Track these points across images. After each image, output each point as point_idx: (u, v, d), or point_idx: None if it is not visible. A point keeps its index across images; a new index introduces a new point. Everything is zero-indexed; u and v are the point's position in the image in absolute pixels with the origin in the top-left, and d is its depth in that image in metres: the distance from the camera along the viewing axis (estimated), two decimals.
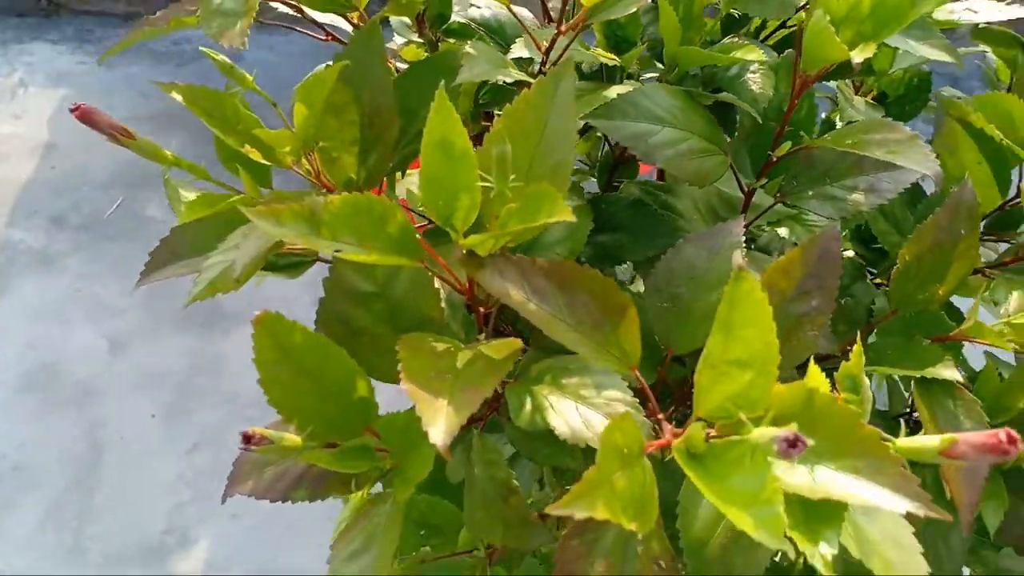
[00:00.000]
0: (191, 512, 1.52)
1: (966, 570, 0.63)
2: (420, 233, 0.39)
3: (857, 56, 0.41)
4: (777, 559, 0.49)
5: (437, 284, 0.41)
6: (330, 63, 0.46)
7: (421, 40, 0.57)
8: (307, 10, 0.59)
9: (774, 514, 0.27)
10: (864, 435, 0.31)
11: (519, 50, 0.51)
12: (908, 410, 0.61)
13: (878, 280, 0.64)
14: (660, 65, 0.59)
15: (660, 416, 0.39)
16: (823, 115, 0.70)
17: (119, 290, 1.88)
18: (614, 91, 0.50)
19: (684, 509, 0.40)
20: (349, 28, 0.62)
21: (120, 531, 1.48)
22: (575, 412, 0.40)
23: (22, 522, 1.47)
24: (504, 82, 0.50)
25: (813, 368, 0.33)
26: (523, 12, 0.61)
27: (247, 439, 0.33)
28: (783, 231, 0.59)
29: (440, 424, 0.31)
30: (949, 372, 0.46)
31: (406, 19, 0.62)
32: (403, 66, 0.59)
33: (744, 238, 0.46)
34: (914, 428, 0.59)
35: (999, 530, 0.49)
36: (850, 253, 0.65)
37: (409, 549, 0.53)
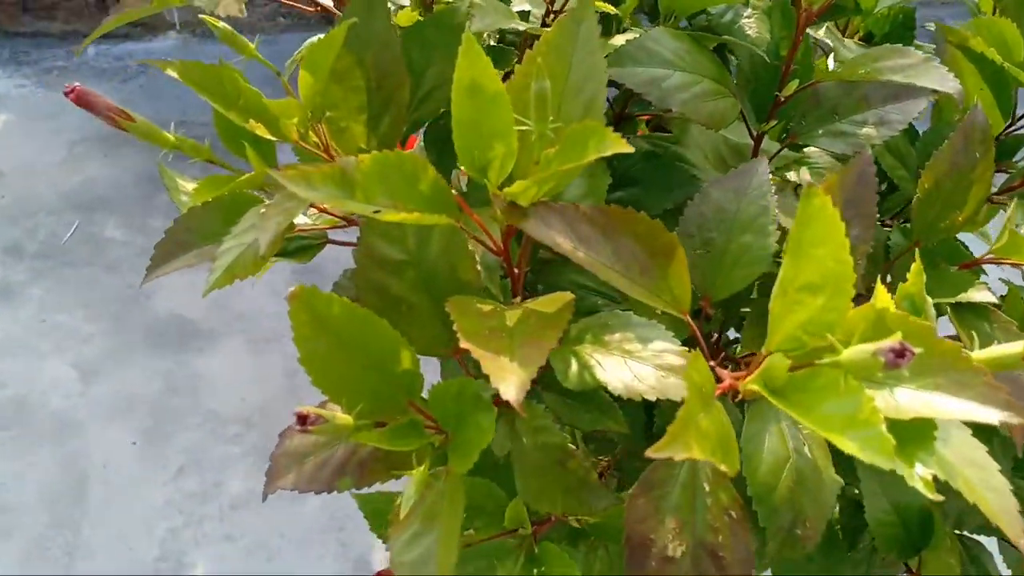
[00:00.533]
0: (185, 537, 1.47)
1: None
2: None
3: None
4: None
5: (471, 247, 0.40)
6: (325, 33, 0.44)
7: (413, 3, 0.55)
8: None
9: (878, 435, 0.26)
10: (944, 350, 0.30)
11: (520, 3, 0.50)
12: None
13: (887, 221, 0.64)
14: (649, 18, 0.58)
15: (712, 363, 0.38)
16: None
17: (85, 316, 1.82)
18: (620, 39, 0.49)
19: (748, 456, 0.39)
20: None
21: (112, 563, 1.43)
22: (624, 367, 0.39)
23: (4, 565, 1.41)
24: (502, 43, 0.49)
25: (880, 288, 0.32)
26: None
27: (302, 420, 0.31)
28: (791, 175, 0.59)
29: (511, 380, 0.29)
30: (983, 295, 0.45)
31: None
32: None
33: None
34: None
35: None
36: None
37: None
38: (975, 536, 0.60)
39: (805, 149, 0.62)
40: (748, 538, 0.36)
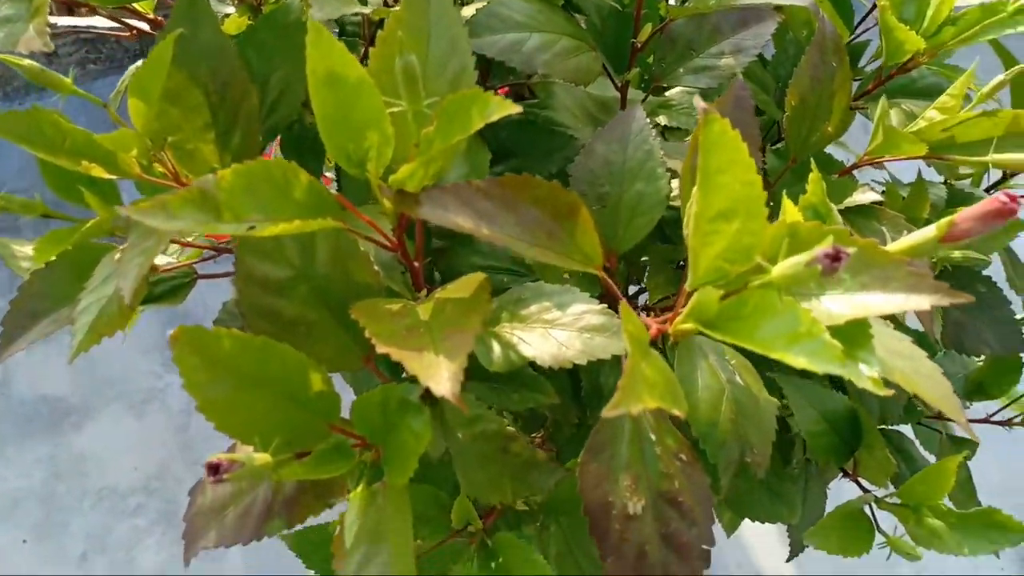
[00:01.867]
0: None
1: None
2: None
3: None
4: None
5: (362, 247, 0.37)
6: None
7: (239, 9, 0.51)
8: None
9: (824, 343, 0.26)
10: (862, 248, 0.30)
11: None
12: None
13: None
14: None
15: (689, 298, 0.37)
16: None
17: None
18: (469, 9, 0.47)
19: (686, 396, 0.38)
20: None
21: None
22: (549, 338, 0.37)
23: None
24: (343, 35, 0.46)
25: (787, 203, 0.32)
26: None
27: (214, 469, 0.28)
28: (662, 119, 0.59)
29: (441, 374, 0.27)
30: (867, 196, 0.47)
31: None
32: None
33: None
34: None
35: (940, 335, 0.52)
36: None
37: None
38: (895, 428, 0.63)
39: (668, 93, 0.62)
40: (702, 477, 0.36)
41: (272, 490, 0.37)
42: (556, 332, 0.38)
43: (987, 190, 0.61)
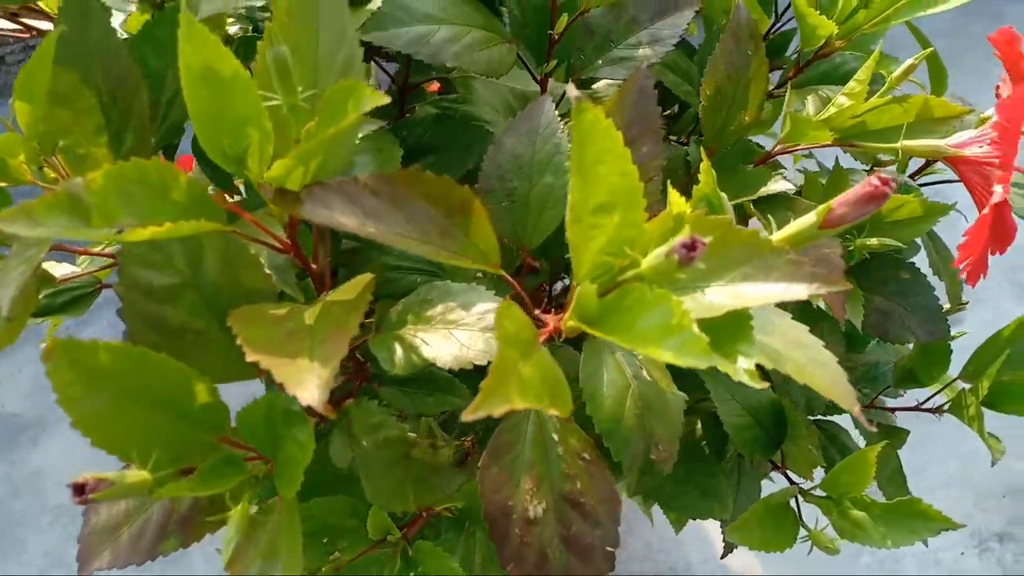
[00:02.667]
0: None
1: None
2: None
3: None
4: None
5: (255, 251, 0.36)
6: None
7: (140, 6, 0.50)
8: None
9: (692, 336, 0.25)
10: (742, 238, 0.30)
11: None
12: None
13: (682, 140, 0.65)
14: None
15: (536, 312, 0.36)
16: None
17: None
18: (377, 2, 0.46)
19: (590, 394, 0.37)
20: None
21: None
22: (451, 339, 0.37)
23: None
24: (257, 31, 0.45)
25: (672, 193, 0.32)
26: None
27: (79, 489, 0.27)
28: None
29: (309, 382, 0.26)
30: (781, 185, 0.46)
31: None
32: None
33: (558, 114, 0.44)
34: None
35: (864, 324, 0.52)
36: None
37: (318, 562, 0.47)
38: (828, 417, 0.63)
39: (595, 85, 0.62)
40: (607, 476, 0.35)
41: (168, 508, 0.36)
42: (458, 332, 0.37)
43: (912, 176, 0.61)
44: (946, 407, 0.57)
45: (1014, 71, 0.43)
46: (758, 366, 0.30)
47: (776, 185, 0.46)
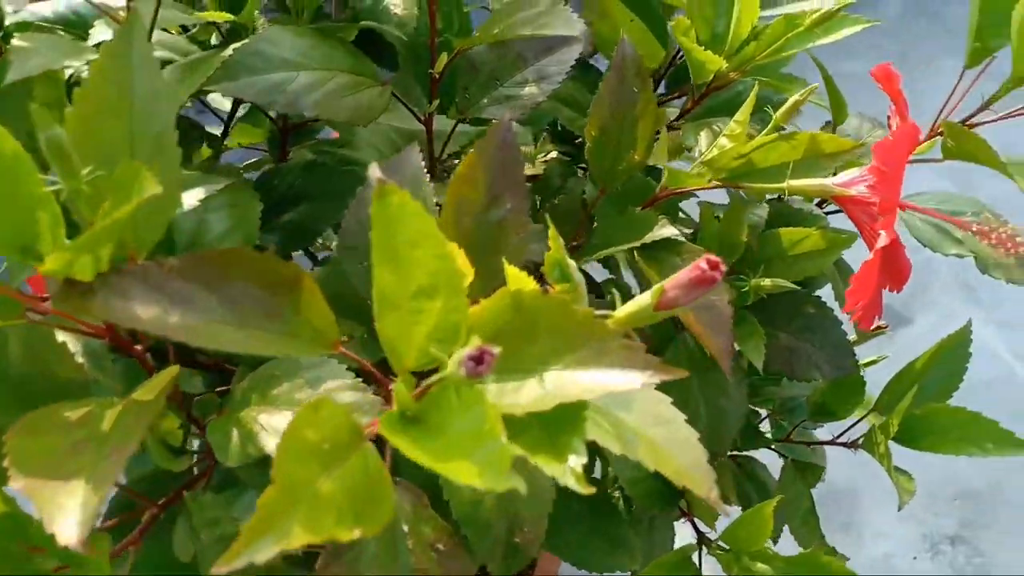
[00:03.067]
0: None
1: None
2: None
3: None
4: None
5: (64, 338, 0.32)
6: None
7: None
8: None
9: (495, 450, 0.23)
10: (578, 320, 0.27)
11: (101, 31, 0.42)
12: None
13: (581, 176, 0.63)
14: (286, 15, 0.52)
15: (392, 388, 0.33)
16: None
17: None
18: (230, 49, 0.42)
19: (447, 479, 0.34)
20: None
21: None
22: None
23: None
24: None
25: (511, 270, 0.29)
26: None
27: None
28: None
29: (70, 517, 0.23)
30: (666, 231, 0.44)
31: None
32: None
33: (425, 166, 0.41)
34: None
35: (766, 363, 0.50)
36: (555, 154, 0.63)
37: None
38: (746, 454, 0.61)
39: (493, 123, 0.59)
40: (465, 566, 0.32)
41: None
42: None
43: (820, 204, 0.59)
44: (860, 441, 0.56)
45: (898, 106, 0.41)
46: None
47: (662, 231, 0.44)
